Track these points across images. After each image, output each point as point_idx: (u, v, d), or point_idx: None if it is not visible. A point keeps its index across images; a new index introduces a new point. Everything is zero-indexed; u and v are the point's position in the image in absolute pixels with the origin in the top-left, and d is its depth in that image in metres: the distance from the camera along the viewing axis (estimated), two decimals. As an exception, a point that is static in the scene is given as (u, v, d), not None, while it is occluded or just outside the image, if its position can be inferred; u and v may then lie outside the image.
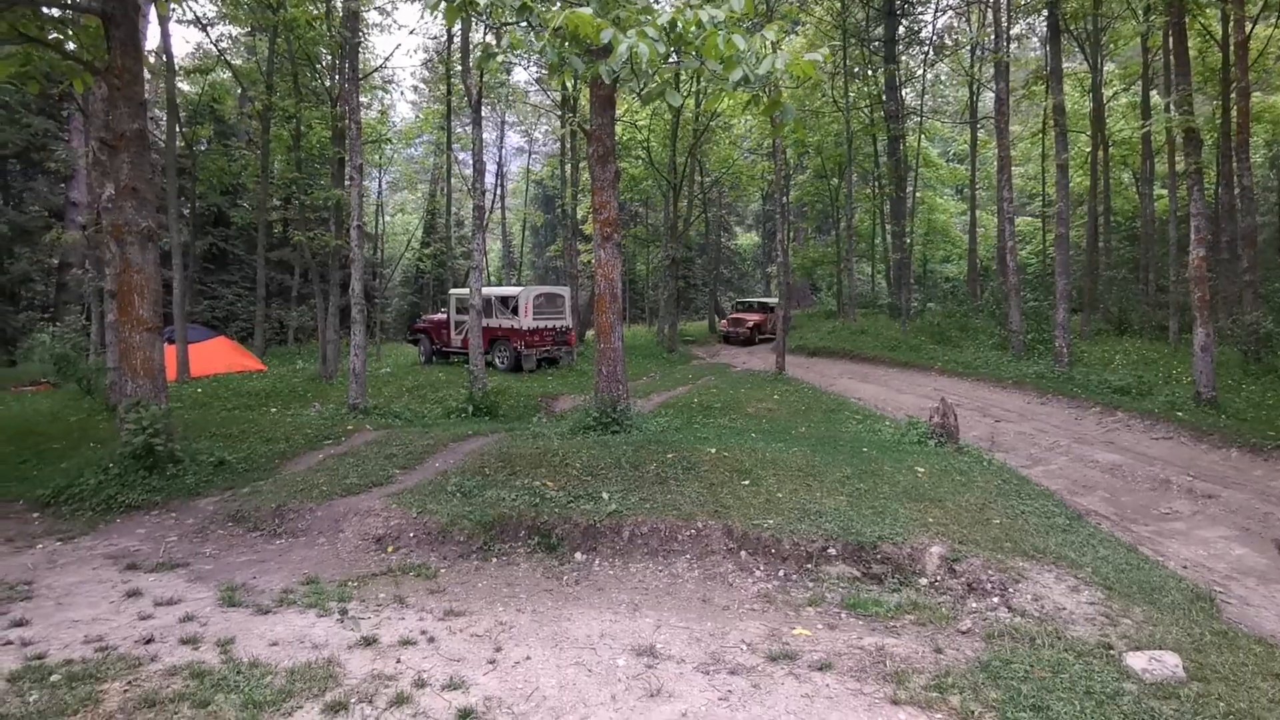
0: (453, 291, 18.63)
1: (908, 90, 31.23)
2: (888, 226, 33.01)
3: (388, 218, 38.45)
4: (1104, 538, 5.21)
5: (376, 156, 25.62)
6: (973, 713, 2.91)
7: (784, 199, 17.40)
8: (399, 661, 3.41)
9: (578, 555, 5.22)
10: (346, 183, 10.42)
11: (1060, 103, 14.44)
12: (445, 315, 19.17)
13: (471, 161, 13.92)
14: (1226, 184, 21.56)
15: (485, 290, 18.14)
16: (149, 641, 3.61)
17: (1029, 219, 36.46)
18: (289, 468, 7.51)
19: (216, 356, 16.48)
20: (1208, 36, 19.35)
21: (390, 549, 5.36)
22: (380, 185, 34.74)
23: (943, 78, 35.43)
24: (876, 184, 30.67)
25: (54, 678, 3.14)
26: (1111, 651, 3.39)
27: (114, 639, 3.65)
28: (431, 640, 3.68)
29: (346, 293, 20.07)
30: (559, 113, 25.65)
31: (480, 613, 4.14)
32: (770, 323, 26.54)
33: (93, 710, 2.86)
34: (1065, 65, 27.00)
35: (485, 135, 41.00)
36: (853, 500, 5.71)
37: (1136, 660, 3.25)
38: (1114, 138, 26.86)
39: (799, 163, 35.63)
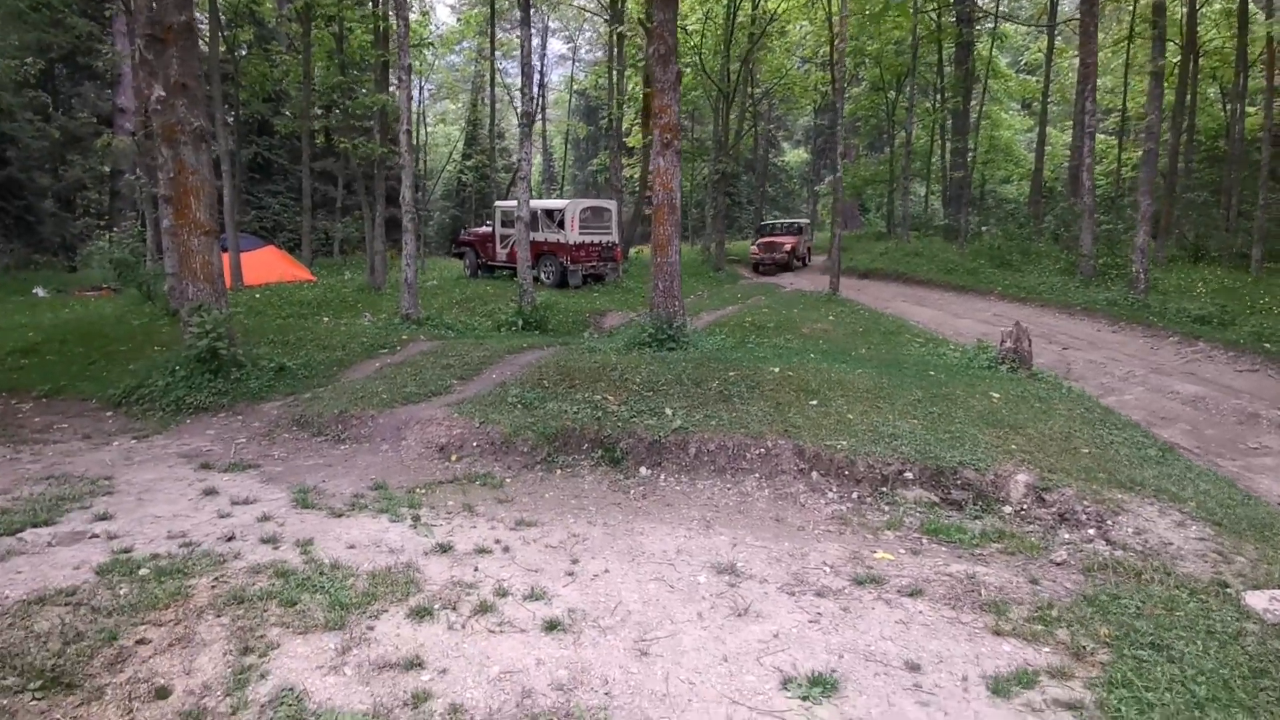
0: (498, 204, 18.28)
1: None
2: (947, 143, 31.24)
3: (429, 128, 37.74)
4: (1202, 471, 4.91)
5: (417, 63, 24.82)
6: (1084, 648, 2.74)
7: (840, 107, 16.41)
8: (477, 570, 3.37)
9: (642, 470, 5.13)
10: (394, 85, 10.01)
11: (1161, 1, 13.06)
12: (490, 228, 18.90)
13: (521, 67, 13.30)
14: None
15: (531, 203, 17.77)
16: (230, 539, 3.64)
17: (1103, 136, 34.06)
18: (347, 375, 7.54)
19: (268, 266, 16.62)
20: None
21: (454, 457, 5.34)
22: (421, 94, 33.89)
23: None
24: (939, 97, 28.82)
25: (142, 571, 3.18)
26: (1228, 590, 3.17)
27: (196, 535, 3.68)
28: (507, 550, 3.64)
29: (391, 203, 19.89)
30: (606, 15, 24.34)
31: (551, 524, 4.09)
32: (801, 246, 25.27)
33: (183, 604, 2.88)
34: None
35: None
36: (927, 424, 5.47)
37: (1256, 600, 3.03)
38: (1204, 48, 24.55)
39: (855, 74, 33.54)
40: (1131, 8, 24.56)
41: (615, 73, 22.89)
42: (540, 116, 43.98)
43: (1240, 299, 13.38)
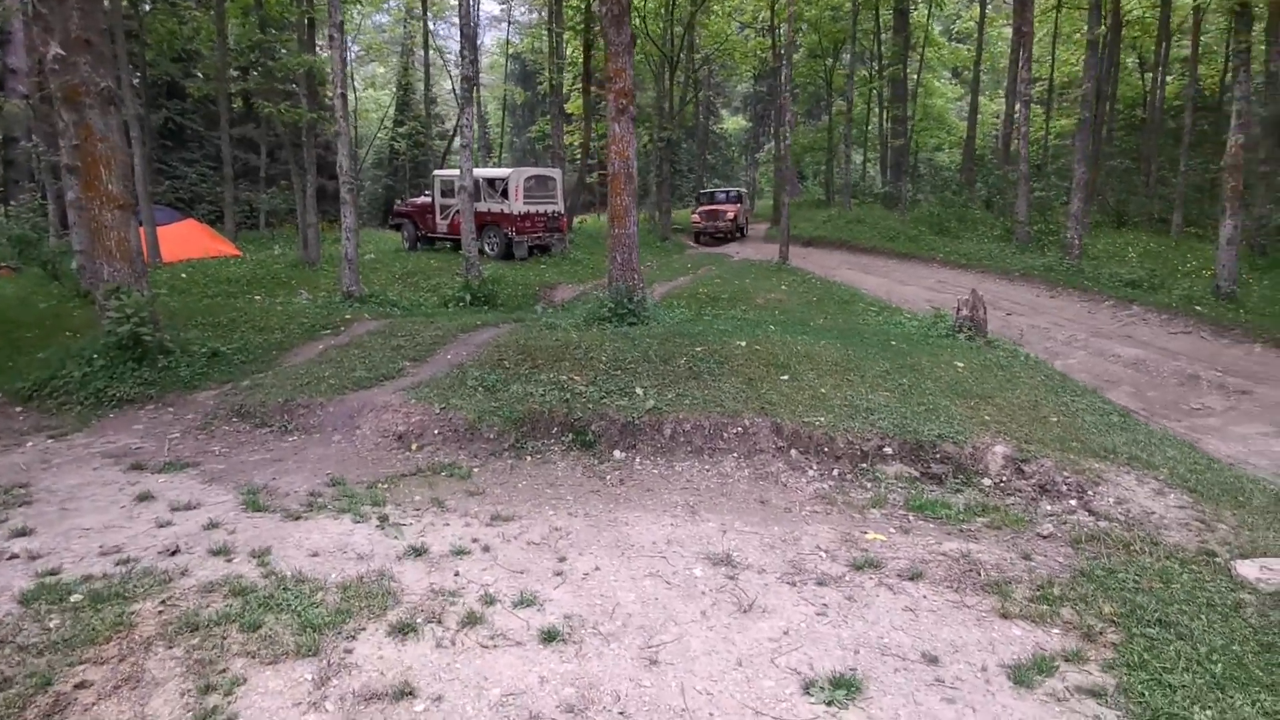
0: (437, 173, 17.51)
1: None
2: (885, 111, 31.57)
3: (358, 92, 35.87)
4: (1165, 436, 5.04)
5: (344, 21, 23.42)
6: (1093, 628, 2.71)
7: (786, 71, 16.25)
8: (457, 575, 3.11)
9: (617, 453, 4.93)
10: (321, 45, 9.29)
11: (1098, -30, 13.30)
12: (429, 198, 18.13)
13: (460, 27, 12.61)
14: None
15: (473, 172, 17.08)
16: (174, 553, 3.27)
17: (1018, 107, 35.04)
18: (288, 359, 7.03)
19: (188, 240, 15.51)
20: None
21: (415, 447, 5.02)
22: (348, 55, 32.11)
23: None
24: (876, 64, 28.98)
25: (75, 597, 2.80)
26: (1217, 559, 3.21)
27: (134, 550, 3.30)
28: (487, 549, 3.39)
29: (322, 173, 18.82)
30: (543, -26, 23.41)
31: (529, 517, 3.85)
32: (741, 215, 24.98)
33: (126, 636, 2.54)
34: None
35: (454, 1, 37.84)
36: (900, 396, 5.44)
37: (1247, 569, 3.07)
38: (1126, 18, 25.38)
39: (793, 40, 33.38)
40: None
41: (554, 35, 22.11)
42: (476, 84, 42.38)
43: (1166, 263, 13.99)
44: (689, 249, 22.27)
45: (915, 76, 27.78)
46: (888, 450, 4.67)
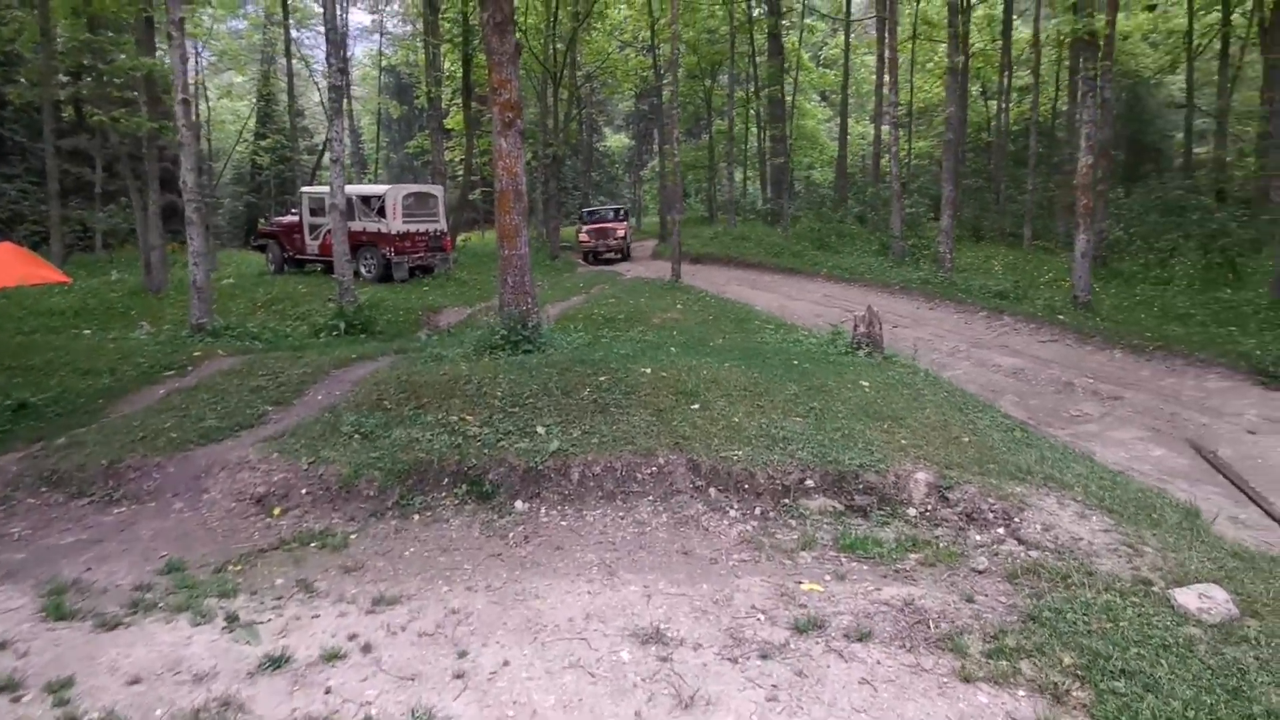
0: (305, 190, 16.19)
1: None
2: (764, 131, 32.68)
3: (210, 102, 33.03)
4: (1068, 451, 5.10)
5: (191, 25, 21.36)
6: (1059, 685, 2.49)
7: (673, 88, 16.30)
8: (329, 692, 2.50)
9: (518, 504, 4.39)
10: (165, 45, 8.19)
11: (955, 2, 14.19)
12: (297, 217, 16.72)
13: (326, 34, 11.65)
14: (1074, 98, 22.86)
15: (346, 189, 15.89)
16: (-71, 696, 2.45)
17: (886, 128, 37.42)
18: (119, 409, 5.98)
19: (3, 266, 13.39)
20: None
21: (277, 512, 4.27)
22: (199, 62, 29.45)
23: (820, -26, 34.60)
24: (752, 85, 29.94)
25: None
26: (1154, 589, 3.12)
27: None
28: (367, 649, 2.78)
29: (168, 189, 16.94)
30: (417, -17, 22.43)
31: (419, 596, 3.26)
32: (628, 233, 24.53)
33: None
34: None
35: (320, 9, 35.76)
36: (814, 422, 5.24)
37: (1186, 598, 2.98)
38: (972, 50, 27.61)
39: (676, 60, 34.02)
40: (913, 11, 26.94)
41: (429, 48, 21.19)
42: (346, 93, 40.25)
43: (1025, 274, 15.04)
44: (579, 267, 21.88)
45: (790, 98, 28.86)
46: (809, 483, 4.42)
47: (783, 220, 24.77)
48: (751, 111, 31.95)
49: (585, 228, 24.09)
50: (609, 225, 23.86)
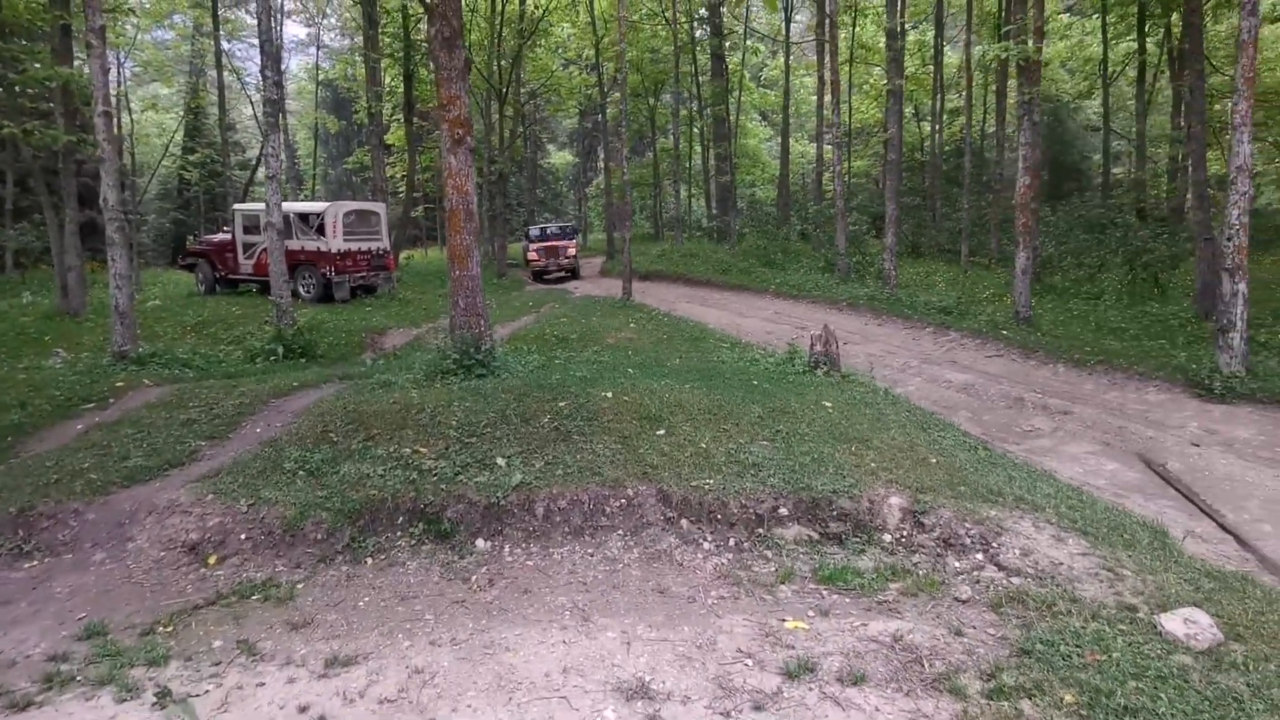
0: (237, 207, 15.47)
1: (731, 9, 30.77)
2: (708, 149, 33.10)
3: (134, 114, 31.49)
4: (1032, 470, 5.13)
5: (113, 34, 20.29)
6: (1063, 727, 2.40)
7: (623, 106, 16.29)
8: (281, 778, 2.21)
9: (480, 543, 4.13)
10: (84, 54, 7.65)
11: (894, 27, 14.62)
12: (230, 235, 15.96)
13: (261, 45, 11.16)
14: (1001, 120, 23.90)
15: (283, 206, 15.25)
16: None
17: (829, 148, 38.44)
18: (30, 447, 5.45)
19: (-106, 290, 12.33)
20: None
21: (213, 560, 3.90)
22: (122, 73, 28.03)
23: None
24: (696, 104, 30.32)
25: None
26: (1139, 615, 3.10)
27: None
28: (322, 722, 2.50)
29: (87, 205, 15.97)
30: (356, -4, 21.89)
31: (378, 654, 2.98)
32: (578, 252, 24.19)
33: None
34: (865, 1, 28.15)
35: (253, 20, 34.64)
36: (782, 445, 5.14)
37: (1172, 624, 2.96)
38: (906, 73, 28.64)
39: (615, 78, 34.27)
40: (849, 35, 27.79)
41: (369, 62, 20.66)
42: (281, 108, 38.98)
43: (966, 289, 15.48)
44: (527, 285, 21.57)
45: (733, 118, 29.31)
46: (783, 511, 4.30)
47: (729, 238, 25.01)
48: (695, 130, 32.34)
49: (533, 246, 23.49)
50: (558, 244, 23.40)
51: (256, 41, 37.31)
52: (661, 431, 5.26)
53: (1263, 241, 23.97)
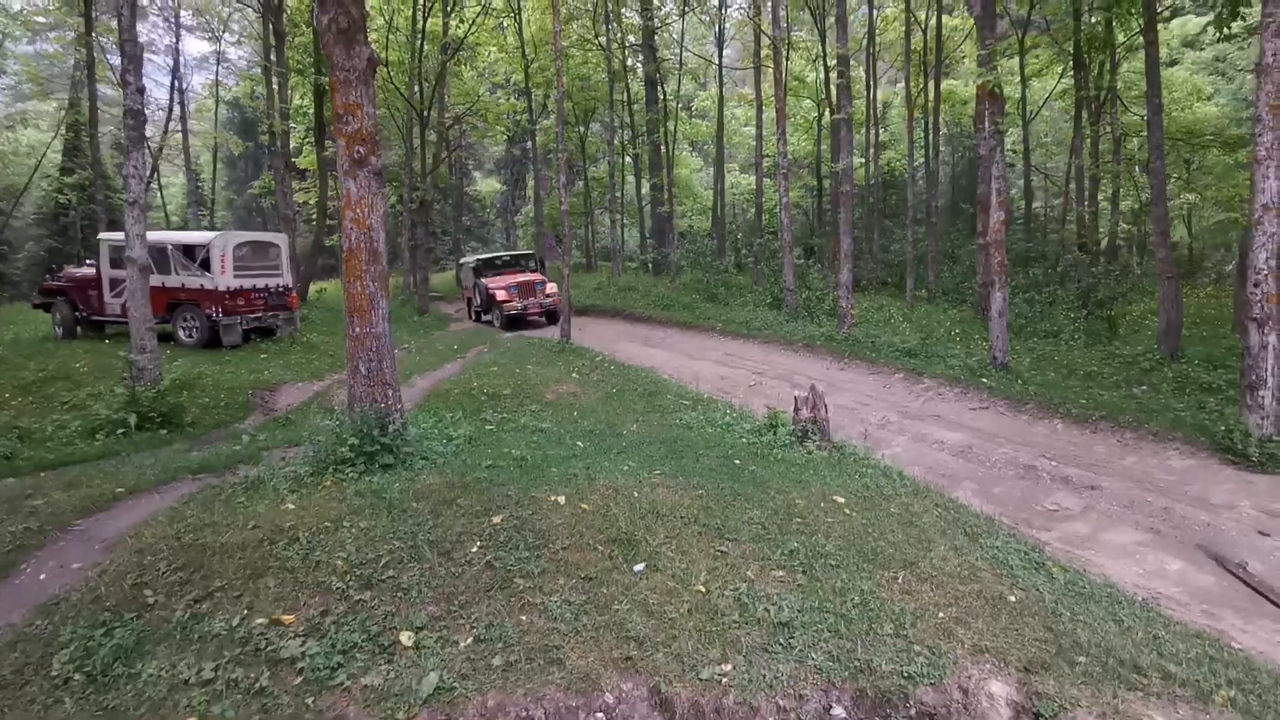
0: (103, 236, 13.17)
1: (663, 40, 30.10)
2: (642, 179, 32.14)
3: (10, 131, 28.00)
4: (1149, 609, 3.87)
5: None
6: None
7: (560, 131, 14.91)
8: None
9: (369, 806, 2.52)
10: None
11: (845, 55, 13.86)
12: (95, 269, 13.61)
13: (120, 45, 9.24)
14: (936, 154, 23.85)
15: (156, 236, 13.06)
16: None
17: (769, 180, 38.29)
18: None
19: None
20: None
21: None
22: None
23: (695, 29, 35.04)
24: (629, 133, 29.36)
25: None
26: None
27: None
28: None
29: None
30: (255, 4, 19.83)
31: None
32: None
33: None
34: (796, 35, 28.01)
35: (156, 37, 31.68)
36: (806, 580, 3.73)
37: None
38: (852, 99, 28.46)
39: (545, 104, 33.04)
40: (784, 66, 27.48)
41: (272, 76, 18.64)
42: (180, 128, 35.89)
43: (924, 328, 14.68)
44: (451, 323, 19.70)
45: (669, 147, 28.45)
46: (838, 713, 2.87)
47: (669, 271, 23.88)
48: (628, 159, 31.37)
49: (497, 282, 18.00)
50: (527, 278, 18.09)
51: (150, 56, 34.22)
52: (640, 566, 3.76)
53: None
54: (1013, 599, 3.64)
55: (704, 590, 3.57)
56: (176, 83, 33.43)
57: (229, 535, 3.90)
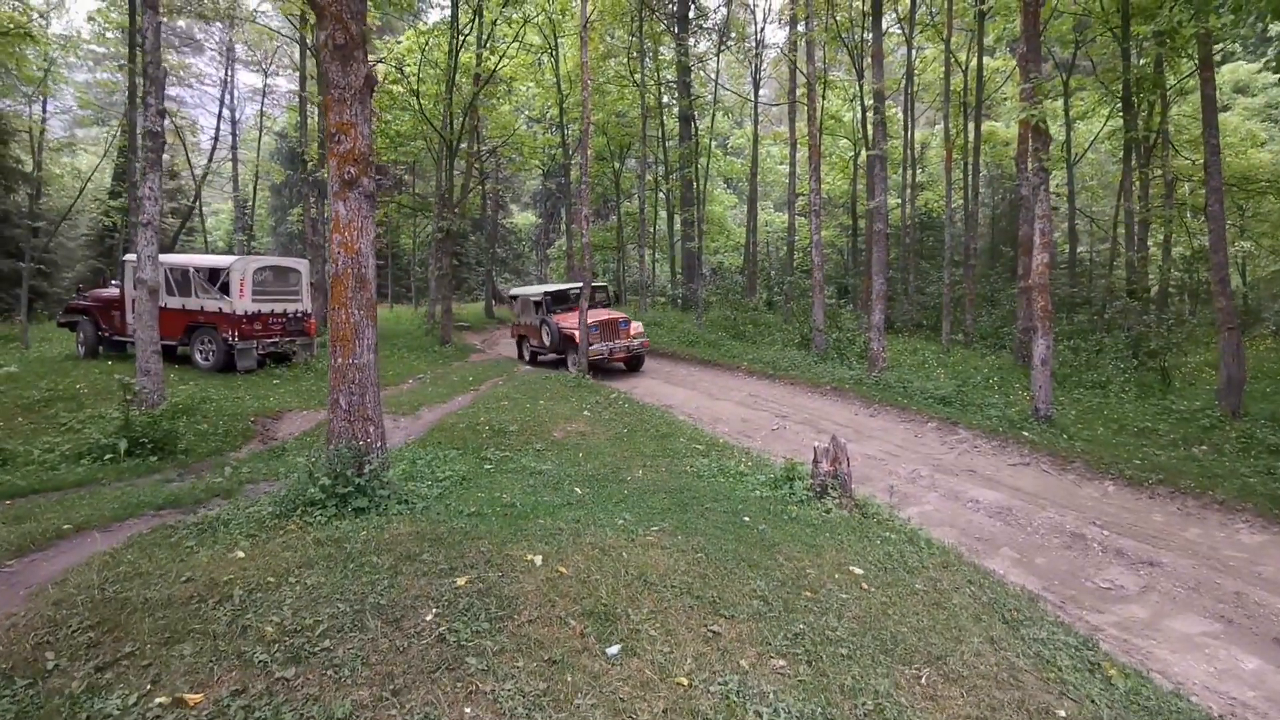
0: (127, 258, 13.23)
1: (698, 78, 30.14)
2: (674, 215, 31.99)
3: (62, 154, 29.04)
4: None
5: (15, 63, 18.15)
6: None
7: (585, 166, 14.68)
8: None
9: None
10: None
11: (880, 90, 13.46)
12: (118, 289, 13.68)
13: (144, 68, 9.23)
14: (976, 195, 23.17)
15: (175, 259, 13.08)
16: None
17: (801, 219, 37.95)
18: None
19: None
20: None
21: None
22: (42, 109, 25.72)
23: (730, 67, 35.18)
24: (663, 168, 29.28)
25: None
26: None
27: None
28: None
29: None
30: (298, 33, 20.28)
31: None
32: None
33: None
34: (833, 75, 27.80)
35: (212, 70, 32.78)
36: (811, 676, 3.14)
37: None
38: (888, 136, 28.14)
39: (580, 140, 33.26)
40: (820, 106, 27.27)
41: (304, 104, 18.93)
42: (232, 156, 36.98)
43: (960, 374, 13.91)
44: (473, 353, 19.45)
45: (700, 183, 28.28)
46: None
47: (697, 307, 23.46)
48: (660, 195, 31.29)
49: (571, 319, 14.74)
50: (611, 315, 14.77)
51: (205, 88, 35.46)
52: (615, 649, 3.21)
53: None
54: (1062, 714, 3.01)
55: (686, 684, 3.01)
56: (228, 113, 34.54)
57: (157, 589, 3.47)
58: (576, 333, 14.08)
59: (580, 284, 15.29)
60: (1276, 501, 6.51)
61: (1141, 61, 17.29)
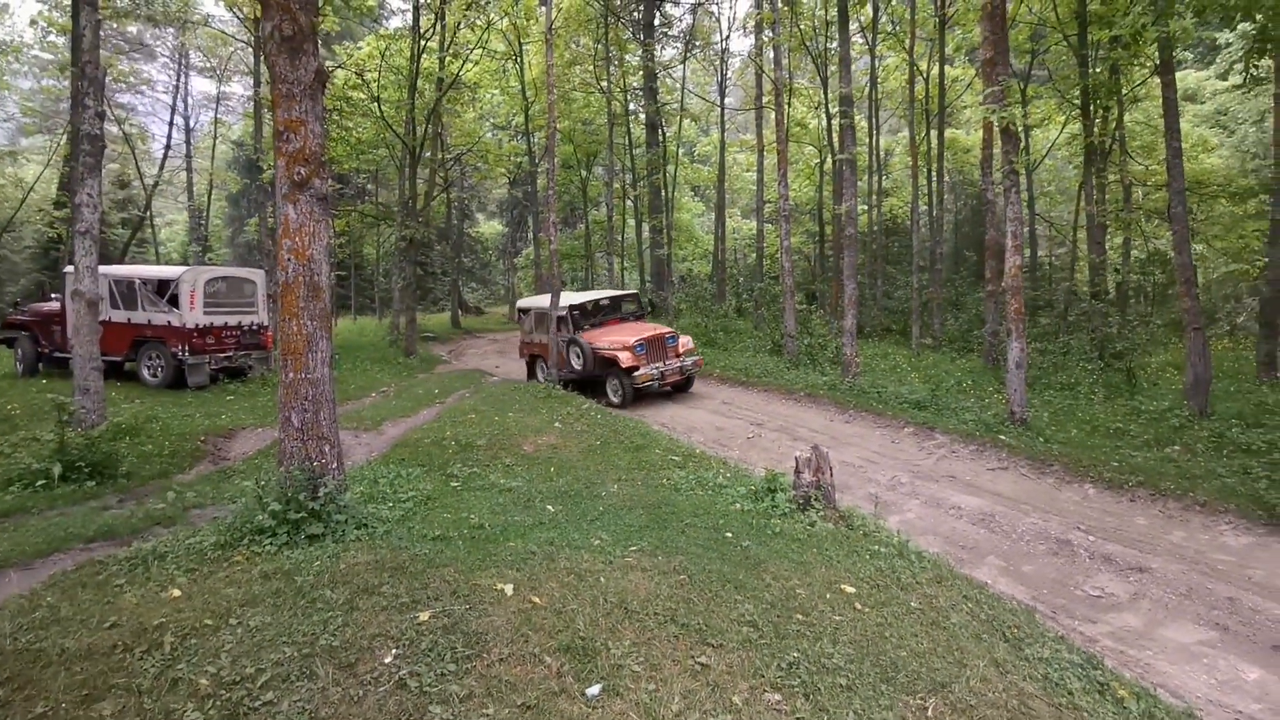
0: (69, 270, 12.54)
1: (664, 85, 30.07)
2: (642, 222, 31.81)
3: (5, 164, 27.77)
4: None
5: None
6: None
7: (552, 173, 14.39)
8: None
9: None
10: None
11: (848, 94, 13.42)
12: (59, 303, 12.96)
13: (81, 68, 8.70)
14: (941, 201, 23.41)
15: (119, 270, 12.45)
16: None
17: (770, 225, 38.02)
18: None
19: None
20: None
21: None
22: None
23: (696, 75, 35.19)
24: (630, 176, 29.12)
25: None
26: None
27: None
28: None
29: None
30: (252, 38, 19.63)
31: None
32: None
33: None
34: (798, 83, 27.94)
35: (167, 77, 31.72)
36: (806, 712, 2.88)
37: None
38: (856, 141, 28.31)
39: (545, 146, 32.95)
40: (786, 113, 27.36)
41: (263, 109, 18.31)
42: (186, 165, 35.88)
43: (933, 378, 13.89)
44: (439, 364, 18.95)
45: (669, 190, 28.14)
46: None
47: (667, 314, 23.25)
48: (628, 202, 31.11)
49: (607, 337, 12.71)
50: (655, 331, 12.71)
51: (157, 95, 34.34)
52: (595, 689, 2.91)
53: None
54: (1082, 748, 2.79)
55: (676, 727, 2.72)
56: (180, 120, 33.49)
57: (78, 637, 3.07)
58: (619, 354, 12.12)
59: (615, 293, 14.21)
60: (1258, 502, 6.46)
61: (1097, 70, 17.63)
